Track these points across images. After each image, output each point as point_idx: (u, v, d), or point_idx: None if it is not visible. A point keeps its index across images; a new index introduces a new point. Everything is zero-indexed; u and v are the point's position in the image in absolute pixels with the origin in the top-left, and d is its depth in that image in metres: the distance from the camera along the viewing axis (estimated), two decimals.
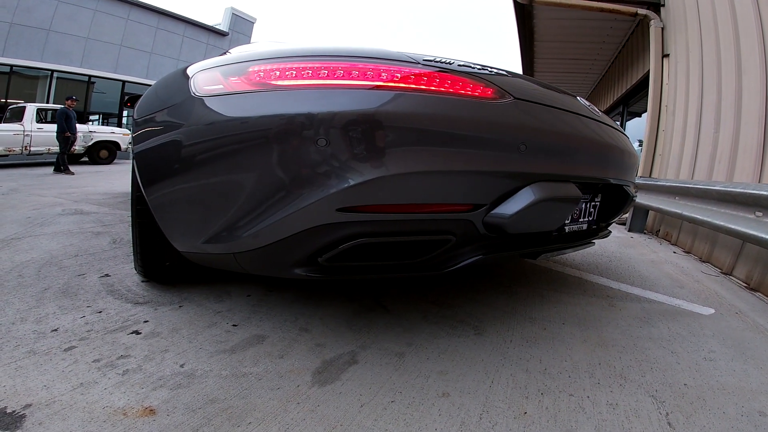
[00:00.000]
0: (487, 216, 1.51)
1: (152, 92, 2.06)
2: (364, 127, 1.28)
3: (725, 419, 1.33)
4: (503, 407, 1.30)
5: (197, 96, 1.55)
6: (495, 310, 2.10)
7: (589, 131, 1.83)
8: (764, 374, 1.66)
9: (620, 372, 1.58)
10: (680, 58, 5.28)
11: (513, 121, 1.48)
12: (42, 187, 6.31)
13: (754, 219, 2.78)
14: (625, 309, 2.29)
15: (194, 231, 1.62)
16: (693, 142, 4.64)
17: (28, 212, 4.04)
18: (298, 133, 1.30)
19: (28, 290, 1.98)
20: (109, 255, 2.67)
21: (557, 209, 1.67)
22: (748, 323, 2.22)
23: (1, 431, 1.06)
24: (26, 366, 1.34)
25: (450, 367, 1.52)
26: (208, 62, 1.76)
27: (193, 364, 1.44)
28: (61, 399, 1.20)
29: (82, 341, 1.53)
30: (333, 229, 1.38)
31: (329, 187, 1.29)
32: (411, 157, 1.30)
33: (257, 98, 1.41)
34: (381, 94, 1.32)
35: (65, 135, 9.27)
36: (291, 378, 1.39)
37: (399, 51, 1.53)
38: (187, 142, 1.54)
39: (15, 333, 1.55)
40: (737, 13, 3.87)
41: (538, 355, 1.67)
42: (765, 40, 3.43)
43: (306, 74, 1.39)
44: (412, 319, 1.93)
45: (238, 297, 2.06)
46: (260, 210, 1.39)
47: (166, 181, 1.66)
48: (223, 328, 1.72)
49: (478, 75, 1.52)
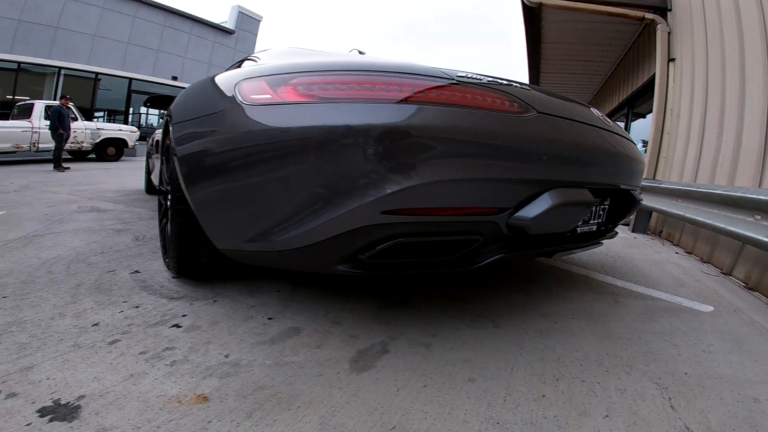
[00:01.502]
0: (510, 218, 1.64)
1: (189, 97, 2.15)
2: (406, 138, 1.40)
3: (722, 404, 1.43)
4: (524, 391, 1.43)
5: (244, 104, 1.65)
6: (510, 306, 2.22)
7: (602, 141, 1.96)
8: (759, 366, 1.76)
9: (626, 362, 1.69)
10: (686, 62, 5.34)
11: (536, 133, 1.62)
12: (53, 184, 6.39)
13: (753, 222, 2.85)
14: (630, 305, 2.40)
15: (238, 231, 1.74)
16: (696, 146, 4.70)
17: (44, 209, 4.11)
18: (349, 142, 1.42)
19: (60, 286, 2.04)
20: (135, 252, 2.76)
21: (572, 212, 1.81)
22: (746, 320, 2.32)
23: (59, 422, 1.10)
24: (73, 359, 1.40)
25: (473, 356, 1.64)
26: (248, 71, 1.86)
27: (237, 354, 1.53)
28: (114, 389, 1.25)
29: (125, 335, 1.60)
30: (376, 230, 1.51)
31: (376, 192, 1.41)
32: (447, 166, 1.43)
33: (307, 109, 1.52)
34: (418, 107, 1.44)
35: (58, 132, 9.52)
36: (330, 366, 1.50)
37: (434, 67, 1.65)
38: (233, 148, 1.65)
39: (56, 328, 1.61)
40: (743, 20, 3.93)
41: (551, 345, 1.79)
42: None
43: (353, 88, 1.51)
44: (433, 312, 2.04)
45: (268, 292, 2.17)
46: (308, 212, 1.51)
47: (211, 183, 1.76)
48: (259, 321, 1.82)
49: (506, 91, 1.64)
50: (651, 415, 1.34)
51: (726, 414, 1.38)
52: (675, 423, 1.31)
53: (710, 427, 1.30)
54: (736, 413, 1.39)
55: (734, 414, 1.39)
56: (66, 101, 10.17)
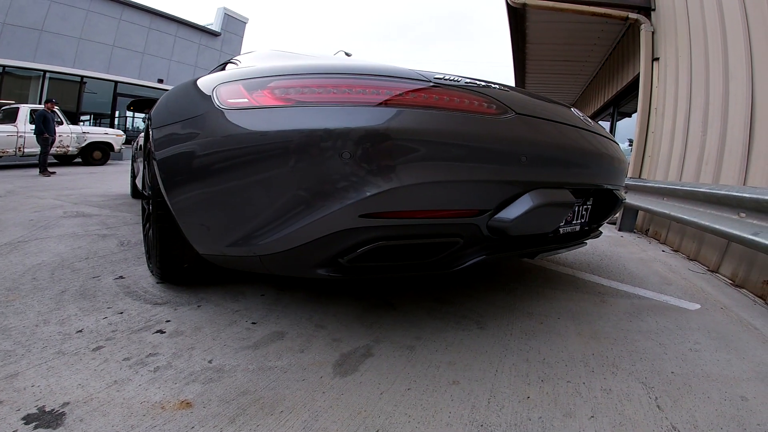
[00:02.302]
0: (491, 220, 1.64)
1: (170, 100, 2.12)
2: (384, 141, 1.39)
3: (709, 403, 1.44)
4: (508, 392, 1.43)
5: (221, 108, 1.64)
6: (495, 307, 2.22)
7: (583, 141, 1.96)
8: (746, 363, 1.77)
9: (612, 361, 1.70)
10: (670, 62, 5.38)
11: (514, 135, 1.61)
12: (39, 189, 6.32)
13: (738, 220, 2.88)
14: (616, 304, 2.41)
15: (219, 235, 1.72)
16: (681, 144, 4.75)
17: (29, 215, 4.07)
18: (328, 146, 1.41)
19: (45, 293, 2.03)
20: (119, 257, 2.73)
21: (553, 213, 1.80)
22: (732, 317, 2.33)
23: (44, 429, 1.10)
24: (57, 366, 1.40)
25: (457, 358, 1.64)
26: (226, 74, 1.84)
27: (221, 359, 1.52)
28: (98, 396, 1.26)
29: (108, 341, 1.60)
30: (355, 233, 1.50)
31: (353, 196, 1.40)
32: (424, 168, 1.42)
33: (284, 113, 1.51)
34: (397, 110, 1.44)
35: (44, 136, 9.42)
36: (314, 370, 1.49)
37: (412, 69, 1.64)
38: (212, 152, 1.64)
39: (40, 335, 1.61)
40: (726, 20, 3.97)
41: (536, 346, 1.79)
42: (752, 47, 3.53)
43: (330, 92, 1.50)
44: (418, 315, 2.04)
45: (252, 297, 2.16)
46: (287, 216, 1.50)
47: (190, 187, 1.75)
48: (243, 326, 1.81)
49: (483, 92, 1.64)
50: (637, 415, 1.35)
51: (713, 413, 1.39)
52: (662, 423, 1.32)
53: (697, 426, 1.31)
54: (723, 412, 1.40)
55: (722, 412, 1.39)
56: (51, 105, 10.03)
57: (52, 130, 9.76)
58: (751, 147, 3.41)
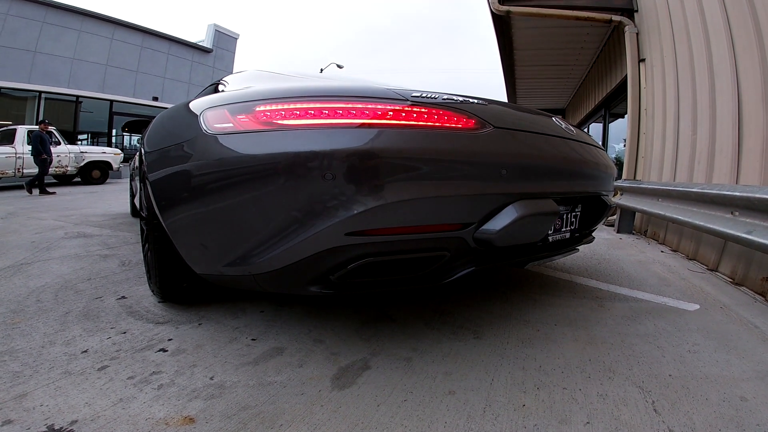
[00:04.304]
0: (476, 232, 1.67)
1: (161, 125, 2.17)
2: (363, 161, 1.43)
3: (708, 405, 1.44)
4: (504, 401, 1.44)
5: (209, 133, 1.68)
6: (491, 315, 2.23)
7: (565, 149, 1.99)
8: (746, 363, 1.77)
9: (609, 366, 1.71)
10: (656, 62, 5.42)
11: (493, 149, 1.65)
12: (39, 209, 6.35)
13: (731, 218, 2.89)
14: (614, 309, 2.41)
15: (215, 256, 1.75)
16: (673, 145, 4.77)
17: (31, 236, 4.11)
18: (310, 168, 1.45)
19: (50, 314, 2.07)
20: (121, 278, 2.76)
21: (538, 223, 1.84)
22: (732, 317, 2.33)
23: None
24: (65, 386, 1.44)
25: (454, 369, 1.66)
26: (214, 98, 1.89)
27: (222, 376, 1.55)
28: (105, 414, 1.29)
29: (113, 360, 1.64)
30: (342, 251, 1.54)
31: (338, 215, 1.44)
32: (405, 186, 1.46)
33: (267, 137, 1.55)
34: (375, 131, 1.47)
35: (42, 157, 9.50)
36: (312, 384, 1.52)
37: (389, 88, 1.69)
38: (201, 174, 1.68)
39: (47, 356, 1.65)
40: (707, 17, 4.01)
41: (533, 354, 1.80)
42: (734, 43, 3.56)
43: (310, 114, 1.54)
44: (415, 326, 2.06)
45: (252, 313, 2.18)
46: (278, 237, 1.54)
47: (183, 209, 1.79)
48: (243, 343, 1.83)
49: (461, 108, 1.67)
50: (633, 419, 1.35)
51: (711, 414, 1.39)
52: (658, 426, 1.32)
53: (695, 429, 1.31)
54: (722, 413, 1.40)
55: (720, 414, 1.39)
56: (45, 126, 10.10)
57: (49, 150, 9.83)
58: (741, 144, 3.43)
